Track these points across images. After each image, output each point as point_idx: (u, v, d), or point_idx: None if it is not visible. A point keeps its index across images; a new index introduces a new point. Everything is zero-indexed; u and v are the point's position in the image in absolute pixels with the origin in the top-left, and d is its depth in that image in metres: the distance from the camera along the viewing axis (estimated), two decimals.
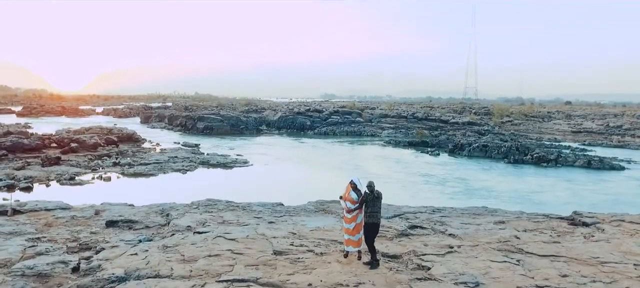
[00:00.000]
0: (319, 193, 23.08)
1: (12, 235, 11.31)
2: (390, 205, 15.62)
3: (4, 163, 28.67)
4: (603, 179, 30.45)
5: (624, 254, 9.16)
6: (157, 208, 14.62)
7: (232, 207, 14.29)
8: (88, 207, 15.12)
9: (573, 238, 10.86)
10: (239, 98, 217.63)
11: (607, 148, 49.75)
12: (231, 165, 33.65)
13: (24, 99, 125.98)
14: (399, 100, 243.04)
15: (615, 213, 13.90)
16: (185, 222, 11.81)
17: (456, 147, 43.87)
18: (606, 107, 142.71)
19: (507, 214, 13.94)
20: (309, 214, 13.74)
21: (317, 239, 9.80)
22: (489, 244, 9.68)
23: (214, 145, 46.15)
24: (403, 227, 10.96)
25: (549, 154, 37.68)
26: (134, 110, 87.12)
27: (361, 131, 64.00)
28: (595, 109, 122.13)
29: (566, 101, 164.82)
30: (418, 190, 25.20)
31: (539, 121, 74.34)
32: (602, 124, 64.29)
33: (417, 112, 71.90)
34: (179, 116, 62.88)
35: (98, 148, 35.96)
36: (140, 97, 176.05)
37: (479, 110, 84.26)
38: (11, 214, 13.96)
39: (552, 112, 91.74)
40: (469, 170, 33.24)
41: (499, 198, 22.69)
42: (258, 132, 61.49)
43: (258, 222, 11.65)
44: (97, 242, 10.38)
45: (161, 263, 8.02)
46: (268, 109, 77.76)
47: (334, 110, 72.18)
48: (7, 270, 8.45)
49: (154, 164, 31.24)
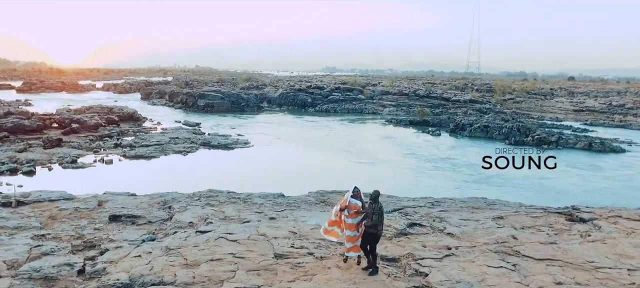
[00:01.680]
0: (319, 180, 23.27)
1: (18, 230, 11.50)
2: (390, 196, 15.78)
3: (6, 146, 28.80)
4: (603, 163, 30.53)
5: (619, 257, 9.31)
6: (159, 199, 14.79)
7: (233, 199, 14.45)
8: (91, 197, 15.29)
9: (570, 237, 11.01)
10: (240, 72, 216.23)
11: (608, 128, 49.68)
12: (232, 146, 33.76)
13: (23, 73, 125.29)
14: (401, 75, 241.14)
15: (613, 208, 14.04)
16: (187, 217, 11.97)
17: (457, 127, 43.81)
18: (610, 82, 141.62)
19: (505, 208, 14.09)
20: (309, 207, 13.90)
21: (317, 240, 9.95)
22: (487, 245, 9.84)
23: (215, 124, 46.17)
24: (402, 226, 11.10)
25: (549, 136, 37.67)
26: (135, 86, 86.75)
27: (362, 109, 63.82)
28: (598, 85, 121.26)
29: (569, 77, 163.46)
30: (418, 175, 25.34)
31: (541, 99, 73.93)
32: (605, 103, 63.96)
33: (418, 89, 71.50)
34: (180, 93, 62.64)
35: (99, 129, 36.02)
36: (140, 71, 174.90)
37: (481, 87, 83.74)
38: (15, 205, 14.15)
39: (554, 88, 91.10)
40: (469, 152, 33.30)
41: (499, 185, 22.84)
42: (259, 110, 61.36)
43: (259, 218, 11.81)
44: (101, 240, 10.57)
45: (164, 269, 8.19)
46: (269, 85, 77.37)
47: (335, 86, 71.76)
48: (14, 272, 8.65)
49: (155, 146, 31.35)
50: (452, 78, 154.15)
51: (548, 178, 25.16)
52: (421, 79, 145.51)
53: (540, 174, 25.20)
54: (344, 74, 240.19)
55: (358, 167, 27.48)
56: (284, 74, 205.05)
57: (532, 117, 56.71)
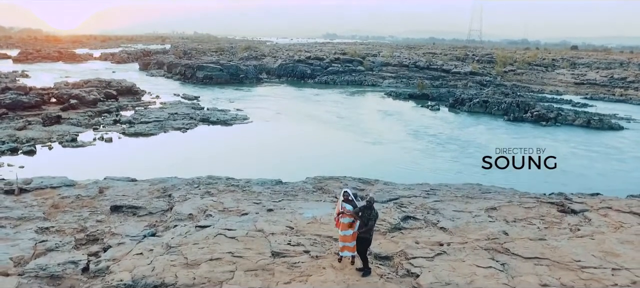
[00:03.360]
0: (317, 162, 23.52)
1: (22, 221, 11.79)
2: (386, 184, 16.05)
3: (5, 123, 28.89)
4: (601, 141, 30.71)
5: (605, 255, 9.63)
6: (159, 186, 15.05)
7: (231, 187, 14.70)
8: (92, 183, 15.53)
9: (560, 231, 11.32)
10: (239, 38, 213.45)
11: (608, 103, 49.64)
12: (231, 122, 33.86)
13: (19, 41, 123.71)
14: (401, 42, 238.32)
15: (604, 198, 14.33)
16: (186, 209, 12.25)
17: (457, 101, 43.77)
18: (613, 52, 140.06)
19: (499, 197, 14.36)
20: (306, 195, 14.17)
21: (313, 235, 10.25)
22: (478, 242, 10.14)
23: (213, 97, 46.07)
24: (396, 220, 11.39)
25: (548, 112, 37.72)
26: (133, 55, 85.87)
27: (362, 80, 63.53)
28: (601, 55, 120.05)
29: (572, 46, 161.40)
30: (417, 156, 25.49)
31: (543, 70, 73.43)
32: (606, 76, 63.57)
33: (418, 61, 70.87)
34: (179, 64, 62.15)
35: (98, 104, 36.03)
36: (138, 38, 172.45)
37: (482, 58, 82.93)
38: (18, 193, 14.42)
39: (556, 59, 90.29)
40: (468, 130, 33.45)
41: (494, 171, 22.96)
42: (258, 81, 61.08)
43: (257, 210, 12.09)
44: (103, 234, 10.87)
45: (166, 269, 8.50)
46: (268, 56, 76.60)
47: (335, 57, 71.11)
48: (21, 270, 8.96)
49: (154, 122, 31.45)
50: (453, 46, 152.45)
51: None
52: (422, 47, 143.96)
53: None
54: (344, 41, 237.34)
55: (357, 147, 27.63)
56: (283, 41, 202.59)
57: (532, 91, 56.55)
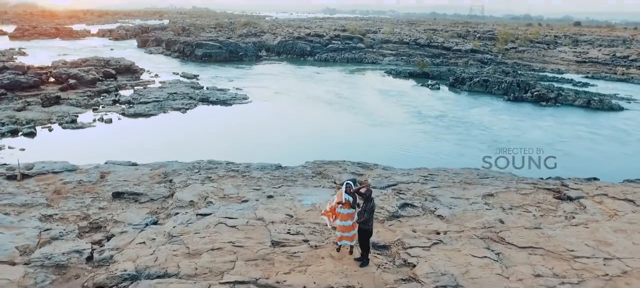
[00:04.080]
0: (317, 145, 23.62)
1: (25, 208, 11.97)
2: (385, 168, 16.19)
3: (4, 104, 28.86)
4: (600, 123, 30.74)
5: (598, 244, 9.83)
6: (160, 171, 15.18)
7: (232, 172, 14.84)
8: (93, 168, 15.66)
9: (555, 218, 11.50)
10: (237, 14, 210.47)
11: (609, 82, 49.42)
12: (230, 102, 33.84)
13: (14, 17, 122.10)
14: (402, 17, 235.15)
15: (600, 184, 14.49)
16: (187, 196, 12.41)
17: (457, 80, 43.60)
18: (617, 28, 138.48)
19: (497, 182, 14.52)
20: (306, 181, 14.32)
21: (312, 224, 10.43)
22: (474, 231, 10.33)
23: (213, 75, 45.87)
24: (394, 208, 11.56)
25: (549, 92, 37.62)
26: (131, 32, 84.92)
27: (362, 58, 63.06)
28: (604, 31, 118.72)
29: (575, 22, 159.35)
30: (416, 138, 25.51)
31: (544, 48, 72.76)
32: (609, 54, 63.04)
33: (419, 38, 70.14)
34: (177, 42, 61.56)
35: (97, 84, 35.91)
36: (135, 13, 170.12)
37: (483, 35, 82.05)
38: (20, 179, 14.56)
39: (559, 36, 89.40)
40: (468, 110, 33.41)
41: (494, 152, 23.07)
42: (257, 59, 60.64)
43: (257, 197, 12.25)
44: (106, 221, 11.05)
45: (168, 259, 8.70)
46: (267, 32, 75.75)
47: (335, 34, 70.38)
48: (27, 259, 9.17)
49: (153, 102, 31.43)
50: (455, 22, 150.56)
51: (542, 142, 25.51)
52: (423, 22, 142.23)
53: (537, 141, 25.54)
54: (344, 15, 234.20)
55: (356, 129, 27.66)
56: (283, 16, 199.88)
57: (533, 69, 56.21)
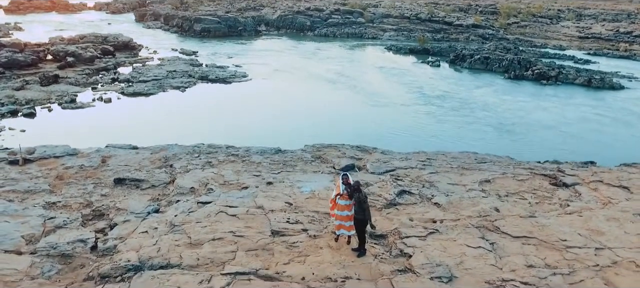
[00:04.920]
0: (316, 125, 23.67)
1: (29, 194, 12.17)
2: (384, 152, 16.33)
3: (2, 83, 28.78)
4: (600, 102, 30.68)
5: (590, 233, 10.06)
6: (161, 155, 15.33)
7: (232, 157, 14.98)
8: (94, 151, 15.81)
9: (550, 206, 11.71)
10: None
11: (612, 59, 49.05)
12: (230, 79, 33.72)
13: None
14: None
15: (596, 170, 14.65)
16: (188, 182, 12.58)
17: (457, 57, 43.30)
18: (622, 1, 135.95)
19: (494, 168, 14.69)
20: (305, 166, 14.48)
21: (311, 212, 10.64)
22: (469, 219, 10.55)
23: (212, 52, 45.49)
24: (392, 195, 11.74)
25: (550, 70, 37.41)
26: (128, 5, 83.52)
27: (362, 33, 62.38)
28: (609, 4, 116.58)
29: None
30: (416, 120, 25.33)
31: (547, 23, 71.81)
32: (612, 29, 62.29)
33: (420, 13, 69.14)
34: (176, 16, 60.73)
35: (95, 61, 35.69)
36: None
37: (485, 9, 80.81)
38: (22, 163, 14.72)
39: (562, 10, 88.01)
40: (468, 89, 33.29)
41: (493, 136, 23.18)
42: (257, 34, 59.99)
43: (257, 184, 12.43)
44: (108, 209, 11.26)
45: (170, 249, 8.93)
46: (267, 6, 74.59)
47: (335, 8, 69.34)
48: (33, 248, 9.40)
49: (152, 81, 31.34)
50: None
51: (541, 127, 25.57)
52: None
53: (537, 123, 25.58)
54: None
55: (356, 109, 27.57)
56: None
57: (535, 45, 55.68)
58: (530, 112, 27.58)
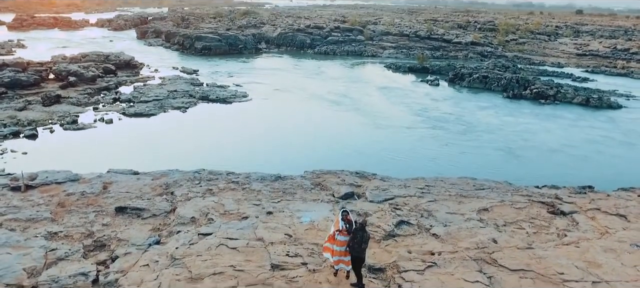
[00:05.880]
0: (316, 148, 23.79)
1: (30, 223, 12.26)
2: (383, 179, 16.44)
3: (5, 103, 29.02)
4: (598, 123, 30.74)
5: (588, 265, 10.14)
6: (162, 182, 15.45)
7: (232, 184, 15.09)
8: (95, 177, 15.94)
9: (547, 236, 11.80)
10: (237, 1, 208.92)
11: (609, 77, 49.41)
12: (230, 99, 33.96)
13: (12, 5, 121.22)
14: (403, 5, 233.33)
15: (593, 197, 14.75)
16: (189, 211, 12.69)
17: (456, 76, 43.64)
18: (619, 17, 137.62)
19: (492, 195, 14.79)
20: (305, 193, 14.59)
21: (311, 245, 10.73)
22: (467, 251, 10.63)
23: (213, 70, 45.88)
24: (390, 226, 11.84)
25: (548, 89, 37.70)
26: (130, 22, 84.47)
27: (362, 51, 62.93)
28: (606, 20, 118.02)
29: (577, 10, 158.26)
30: (416, 143, 25.20)
31: (545, 39, 72.50)
32: (609, 47, 62.86)
33: (419, 30, 69.84)
34: (177, 34, 61.34)
35: (97, 80, 36.00)
36: (134, 1, 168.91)
37: (484, 26, 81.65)
38: (24, 190, 14.84)
39: (560, 26, 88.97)
40: (468, 109, 33.41)
41: (491, 158, 23.26)
42: (257, 52, 60.53)
43: (257, 214, 12.53)
44: (110, 239, 11.35)
45: (172, 284, 9.01)
46: (267, 24, 75.39)
47: (335, 26, 70.07)
48: (34, 281, 9.48)
49: (153, 101, 31.57)
50: (456, 11, 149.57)
51: (539, 148, 25.69)
52: (424, 11, 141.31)
53: (534, 146, 25.71)
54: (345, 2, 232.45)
55: (356, 131, 27.41)
56: (283, 3, 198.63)
57: (533, 63, 56.14)
58: (536, 134, 27.61)
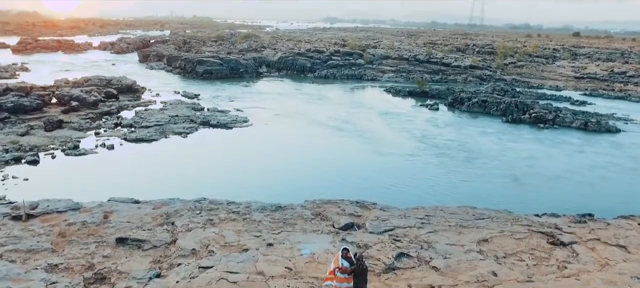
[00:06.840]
0: (316, 176, 23.84)
1: (31, 254, 12.28)
2: (383, 209, 16.47)
3: (7, 128, 29.22)
4: (596, 148, 30.85)
5: None
6: (162, 211, 15.49)
7: (232, 215, 15.12)
8: (96, 206, 15.98)
9: (547, 268, 11.80)
10: (238, 23, 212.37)
11: (607, 100, 49.82)
12: (231, 125, 34.16)
13: (16, 28, 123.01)
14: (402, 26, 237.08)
15: (593, 227, 14.77)
16: (189, 243, 12.71)
17: (456, 100, 44.00)
18: (616, 39, 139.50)
19: (492, 225, 14.81)
20: (305, 224, 14.61)
21: (311, 278, 10.73)
22: (467, 285, 10.63)
23: (214, 94, 46.26)
24: (390, 259, 11.85)
25: (547, 113, 37.98)
26: (132, 45, 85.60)
27: (362, 75, 63.56)
28: (603, 42, 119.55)
29: (574, 32, 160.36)
30: (415, 170, 25.09)
31: (543, 62, 73.31)
32: (607, 69, 63.56)
33: (418, 54, 70.70)
34: (178, 58, 62.08)
35: (99, 105, 36.30)
36: (137, 24, 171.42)
37: (482, 49, 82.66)
38: (25, 219, 14.88)
39: (557, 49, 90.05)
40: (467, 134, 33.57)
41: (492, 184, 23.28)
42: (258, 76, 61.14)
43: (257, 246, 12.55)
44: (110, 271, 11.35)
45: None
46: (268, 47, 76.36)
47: (335, 50, 70.96)
48: None
49: (154, 127, 31.76)
50: (454, 33, 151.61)
51: (539, 174, 25.77)
52: (423, 33, 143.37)
53: (534, 173, 25.79)
54: (345, 25, 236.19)
55: (356, 158, 27.24)
56: (283, 26, 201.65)
57: (532, 86, 56.67)
58: (538, 160, 27.67)
